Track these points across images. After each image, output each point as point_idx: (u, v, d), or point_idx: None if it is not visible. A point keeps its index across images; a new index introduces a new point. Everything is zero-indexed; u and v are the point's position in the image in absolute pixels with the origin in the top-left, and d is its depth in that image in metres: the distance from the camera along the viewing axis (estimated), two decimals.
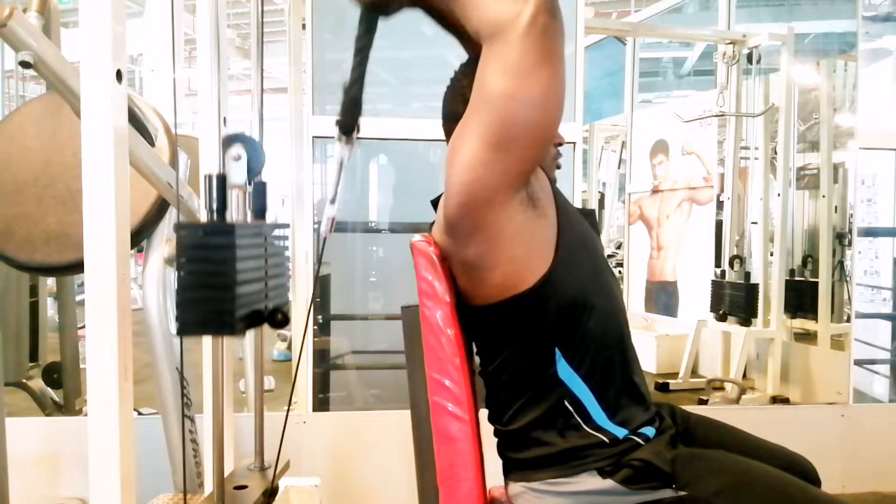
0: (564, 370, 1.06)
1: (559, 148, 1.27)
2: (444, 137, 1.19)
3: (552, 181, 1.18)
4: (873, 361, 3.55)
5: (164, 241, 1.76)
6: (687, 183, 4.70)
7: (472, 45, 1.14)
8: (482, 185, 0.98)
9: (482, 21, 0.96)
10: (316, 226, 2.58)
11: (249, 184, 1.28)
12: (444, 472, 1.08)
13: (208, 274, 1.02)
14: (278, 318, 1.17)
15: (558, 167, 1.26)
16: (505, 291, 1.05)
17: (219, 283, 1.01)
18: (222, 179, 1.15)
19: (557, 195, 1.13)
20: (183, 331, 1.01)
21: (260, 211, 1.32)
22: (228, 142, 1.26)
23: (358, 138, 1.12)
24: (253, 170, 1.26)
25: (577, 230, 1.12)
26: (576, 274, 1.08)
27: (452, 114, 1.15)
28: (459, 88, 1.14)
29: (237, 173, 1.23)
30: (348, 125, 1.09)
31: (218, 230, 1.05)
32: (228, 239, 1.03)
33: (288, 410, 1.47)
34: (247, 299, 1.07)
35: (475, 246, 1.04)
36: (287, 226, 1.44)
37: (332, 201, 1.13)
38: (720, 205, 4.35)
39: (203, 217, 1.16)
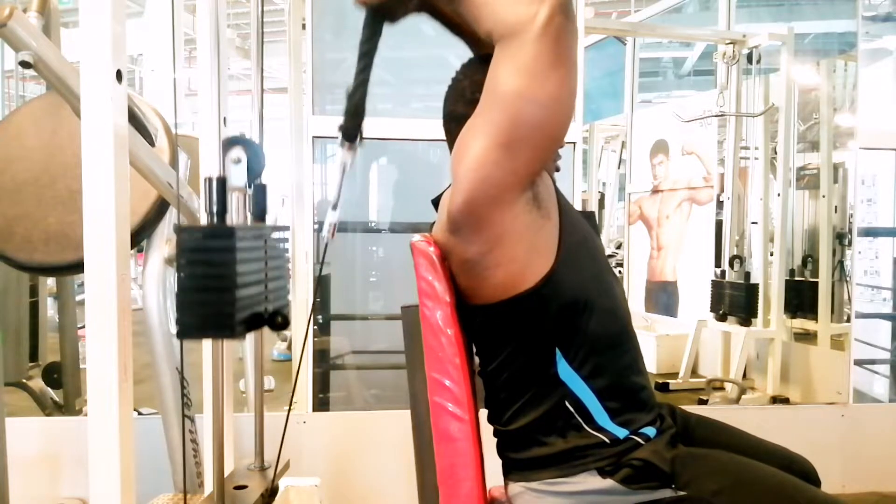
0: (565, 370, 1.06)
1: (559, 149, 1.27)
2: (444, 137, 1.19)
3: (552, 181, 1.18)
4: (873, 361, 3.55)
5: (164, 241, 1.76)
6: (687, 183, 4.70)
7: (480, 47, 1.14)
8: (490, 184, 0.98)
9: (497, 23, 0.96)
10: (316, 227, 2.58)
11: (249, 186, 1.28)
12: (444, 472, 1.08)
13: (208, 277, 1.02)
14: (278, 320, 1.17)
15: (557, 169, 1.26)
16: (506, 291, 1.05)
17: (219, 286, 1.01)
18: (222, 182, 1.15)
19: (560, 196, 1.13)
20: (183, 333, 1.02)
21: (260, 213, 1.32)
22: (228, 144, 1.26)
23: (361, 143, 1.11)
24: (253, 172, 1.26)
25: (579, 231, 1.12)
26: (577, 274, 1.08)
27: (453, 114, 1.15)
28: (460, 89, 1.14)
29: (237, 176, 1.24)
30: (351, 131, 1.09)
31: (218, 233, 1.05)
32: (228, 242, 1.03)
33: (289, 411, 1.47)
34: (247, 302, 1.07)
35: (478, 245, 1.04)
36: (287, 228, 1.44)
37: (335, 207, 1.13)
38: (720, 205, 4.35)
39: (203, 220, 1.16)
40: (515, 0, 0.95)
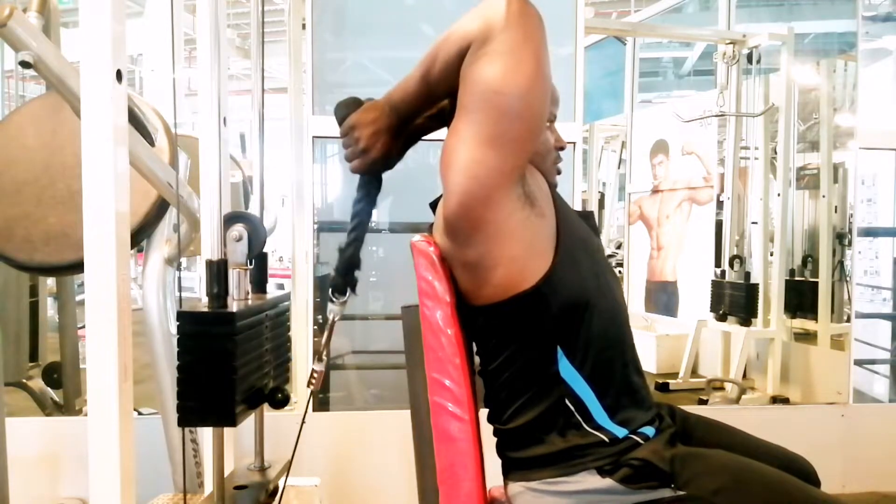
0: (566, 369, 1.07)
1: (560, 152, 1.27)
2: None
3: (552, 186, 1.18)
4: (873, 361, 3.55)
5: (164, 241, 1.76)
6: (687, 183, 4.70)
7: None
8: (479, 184, 0.99)
9: (465, 36, 0.98)
10: (315, 226, 2.58)
11: (250, 263, 1.29)
12: (444, 472, 1.08)
13: (208, 363, 1.02)
14: (278, 397, 1.19)
15: (559, 172, 1.26)
16: (506, 291, 1.05)
17: (219, 375, 1.02)
18: (223, 265, 1.15)
19: (556, 198, 1.14)
20: (184, 420, 1.02)
21: (261, 286, 1.33)
22: (229, 221, 1.26)
23: (352, 295, 1.16)
24: (254, 249, 1.27)
25: (577, 232, 1.13)
26: (576, 273, 1.08)
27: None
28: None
29: (239, 252, 1.25)
30: (341, 288, 1.15)
31: (219, 319, 1.05)
32: (228, 328, 1.03)
33: (305, 414, 1.47)
34: (247, 384, 1.08)
35: (476, 246, 1.04)
36: (288, 297, 1.46)
37: (321, 359, 1.16)
38: (720, 205, 4.35)
39: (203, 300, 1.17)
40: (474, 13, 0.98)
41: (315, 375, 1.15)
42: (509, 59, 0.95)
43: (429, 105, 1.13)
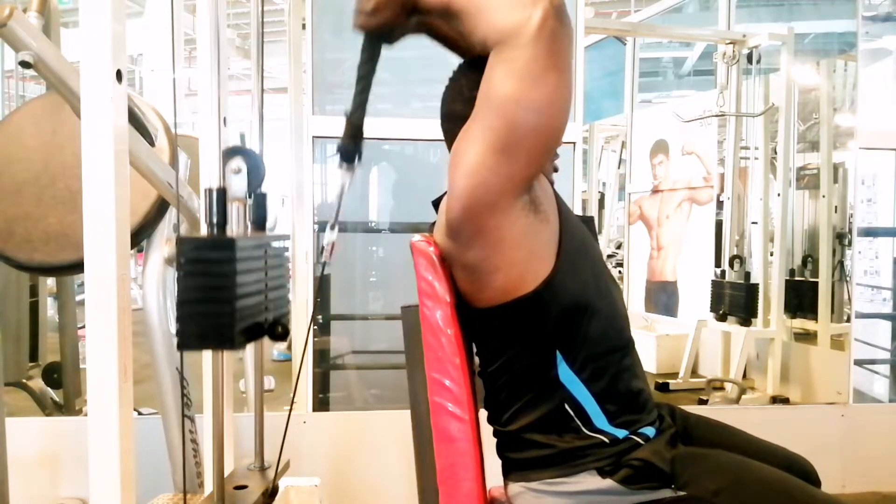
0: (565, 373, 1.06)
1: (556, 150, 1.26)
2: (442, 137, 1.19)
3: (551, 184, 1.18)
4: (873, 361, 3.55)
5: (164, 241, 1.76)
6: (687, 183, 4.70)
7: (473, 57, 1.14)
8: (486, 190, 0.98)
9: (491, 28, 0.96)
10: (315, 226, 2.58)
11: (250, 196, 1.28)
12: (444, 472, 1.08)
13: (208, 288, 1.02)
14: (278, 330, 1.18)
15: (556, 170, 1.26)
16: (506, 295, 1.05)
17: (219, 298, 1.01)
18: (222, 193, 1.15)
19: (559, 201, 1.13)
20: (183, 345, 1.02)
21: (260, 222, 1.32)
22: (229, 154, 1.26)
23: (359, 163, 1.11)
24: (253, 182, 1.26)
25: (578, 235, 1.12)
26: (576, 278, 1.08)
27: (451, 113, 1.14)
28: (458, 87, 1.14)
29: (238, 186, 1.24)
30: (349, 153, 1.10)
31: (218, 244, 1.05)
32: (229, 253, 1.03)
33: (291, 409, 1.47)
34: (247, 312, 1.07)
35: (477, 250, 1.04)
36: (287, 237, 1.44)
37: (333, 227, 1.14)
38: (720, 205, 4.35)
39: (203, 230, 1.16)
40: (509, 6, 0.95)
41: (328, 247, 1.14)
42: (533, 73, 0.93)
43: (439, 20, 1.10)
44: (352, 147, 1.09)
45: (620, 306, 1.17)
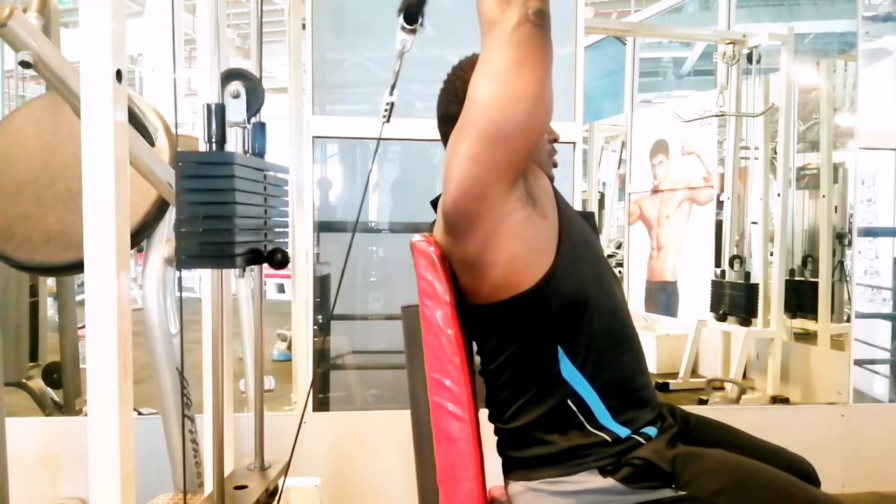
0: (568, 369, 1.07)
1: (553, 144, 1.27)
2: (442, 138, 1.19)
3: (550, 179, 1.18)
4: (873, 361, 3.54)
5: (164, 241, 1.76)
6: (687, 183, 4.70)
7: None
8: (473, 180, 1.00)
9: (480, 13, 1.01)
10: (316, 226, 2.58)
11: (248, 122, 1.27)
12: (444, 472, 1.08)
13: (208, 204, 1.01)
14: (278, 257, 1.17)
15: (555, 165, 1.26)
16: (507, 290, 1.06)
17: (218, 214, 1.00)
18: (221, 110, 1.13)
19: (559, 197, 1.14)
20: (183, 263, 1.01)
21: (259, 151, 1.30)
22: (227, 78, 1.24)
23: (422, 26, 1.11)
24: (252, 107, 1.25)
25: (578, 231, 1.13)
26: (577, 273, 1.08)
27: (446, 115, 1.16)
28: (452, 89, 1.16)
29: (236, 111, 1.23)
30: (413, 11, 1.11)
31: (217, 159, 1.04)
32: (227, 169, 1.02)
33: (303, 415, 1.47)
34: (247, 235, 1.06)
35: (474, 242, 1.05)
36: (286, 169, 1.43)
37: (391, 91, 1.15)
38: (720, 205, 4.35)
39: (202, 146, 1.15)
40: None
41: (388, 108, 1.14)
42: (506, 69, 0.97)
43: None
44: (415, 5, 1.10)
45: (622, 300, 1.17)
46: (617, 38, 5.17)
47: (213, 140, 1.11)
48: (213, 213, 1.01)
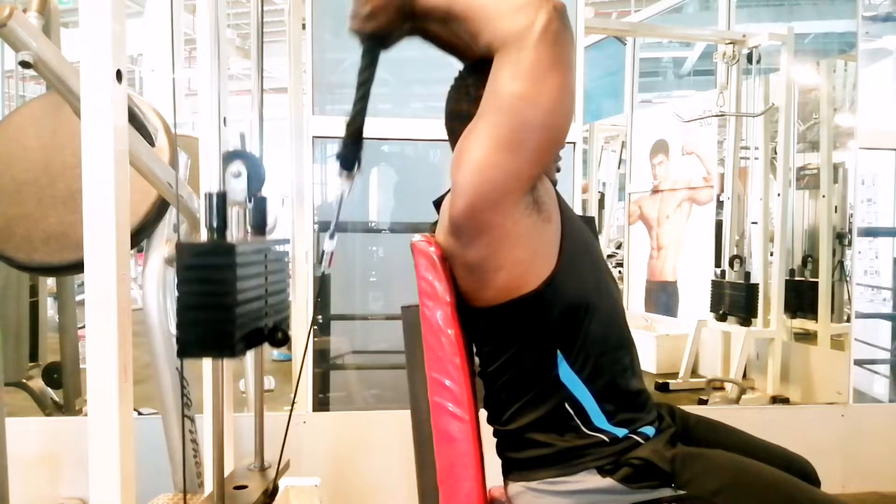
0: (566, 373, 1.07)
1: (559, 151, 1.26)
2: (445, 137, 1.19)
3: (553, 183, 1.18)
4: (873, 361, 3.55)
5: (164, 241, 1.76)
6: (687, 183, 4.70)
7: (473, 61, 1.14)
8: (491, 187, 0.99)
9: (497, 33, 0.98)
10: (315, 226, 2.58)
11: (249, 200, 1.28)
12: (444, 472, 1.08)
13: (208, 295, 1.01)
14: (278, 336, 1.18)
15: (558, 170, 1.26)
16: (508, 294, 1.05)
17: (219, 305, 1.01)
18: (222, 197, 1.14)
19: (561, 201, 1.14)
20: (183, 352, 1.01)
21: (260, 227, 1.32)
22: (229, 158, 1.25)
23: (359, 171, 1.11)
24: (253, 187, 1.26)
25: (580, 235, 1.13)
26: (578, 277, 1.08)
27: (456, 112, 1.14)
28: (464, 86, 1.14)
29: (237, 190, 1.23)
30: (349, 160, 1.10)
31: (217, 250, 1.04)
32: (228, 259, 1.02)
33: (292, 410, 1.47)
34: (247, 319, 1.07)
35: (480, 248, 1.04)
36: (287, 241, 1.44)
37: (331, 236, 1.14)
38: (720, 205, 4.35)
39: (203, 234, 1.16)
40: (512, 11, 0.97)
41: (327, 255, 1.14)
42: (538, 72, 0.96)
43: (433, 23, 1.10)
44: (351, 154, 1.10)
45: (620, 306, 1.17)
46: (617, 38, 5.17)
47: (214, 228, 1.11)
48: (213, 304, 1.01)
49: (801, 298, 4.13)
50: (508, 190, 0.99)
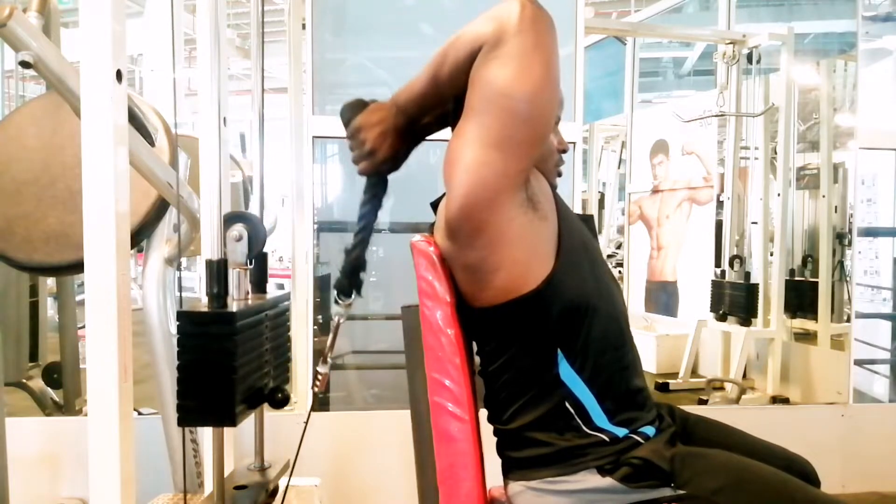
0: (566, 372, 1.07)
1: (562, 154, 1.27)
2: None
3: (553, 187, 1.18)
4: (873, 361, 3.54)
5: (164, 241, 1.76)
6: (687, 183, 4.70)
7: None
8: (483, 187, 0.99)
9: (477, 38, 0.98)
10: (315, 226, 2.58)
11: (250, 263, 1.28)
12: (444, 472, 1.08)
13: (208, 364, 1.02)
14: (278, 397, 1.19)
15: (559, 174, 1.26)
16: (508, 294, 1.05)
17: (219, 375, 1.01)
18: (223, 264, 1.15)
19: (558, 200, 1.14)
20: (184, 421, 1.02)
21: (261, 285, 1.32)
22: (229, 221, 1.26)
23: (356, 298, 1.15)
24: (254, 249, 1.26)
25: (577, 235, 1.13)
26: (577, 276, 1.08)
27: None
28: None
29: (239, 252, 1.24)
30: (347, 290, 1.14)
31: (218, 319, 1.05)
32: (229, 328, 1.02)
33: (309, 416, 1.47)
34: (247, 383, 1.07)
35: (477, 249, 1.04)
36: (288, 297, 1.45)
37: (325, 361, 1.17)
38: (720, 205, 4.35)
39: (203, 301, 1.16)
40: (487, 17, 0.98)
41: (319, 378, 1.15)
42: (520, 64, 0.95)
43: (436, 106, 1.12)
44: (349, 284, 1.13)
45: (620, 304, 1.17)
46: (617, 38, 5.17)
47: (216, 296, 1.12)
48: (213, 373, 1.02)
49: (801, 298, 4.14)
50: (501, 187, 0.99)
